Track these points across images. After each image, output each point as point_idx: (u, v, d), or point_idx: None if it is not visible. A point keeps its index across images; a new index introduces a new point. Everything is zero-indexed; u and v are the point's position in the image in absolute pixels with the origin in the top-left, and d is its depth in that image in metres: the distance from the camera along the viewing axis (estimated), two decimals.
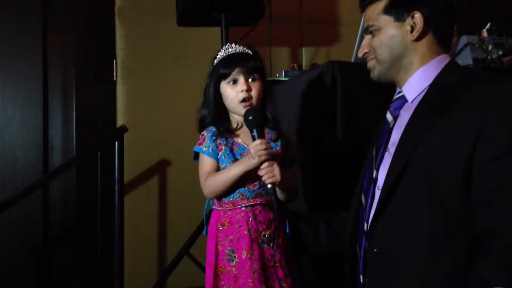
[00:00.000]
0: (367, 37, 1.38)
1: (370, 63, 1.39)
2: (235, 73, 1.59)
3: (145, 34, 2.95)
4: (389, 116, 1.36)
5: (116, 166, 2.48)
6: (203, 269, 2.71)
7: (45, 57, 2.91)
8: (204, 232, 1.67)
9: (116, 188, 2.43)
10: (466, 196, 1.17)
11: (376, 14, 1.35)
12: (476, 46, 1.82)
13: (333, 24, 3.25)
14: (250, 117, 1.54)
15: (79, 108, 2.92)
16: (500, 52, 1.82)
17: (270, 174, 1.50)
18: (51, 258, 2.87)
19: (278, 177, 1.51)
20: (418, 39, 1.30)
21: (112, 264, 2.53)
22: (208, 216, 1.67)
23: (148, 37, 2.95)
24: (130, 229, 2.87)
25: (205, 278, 1.65)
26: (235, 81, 1.60)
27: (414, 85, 1.32)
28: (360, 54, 1.40)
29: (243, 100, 1.58)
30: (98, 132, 2.90)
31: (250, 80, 1.60)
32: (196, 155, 1.67)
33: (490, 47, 1.83)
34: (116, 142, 2.52)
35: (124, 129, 2.64)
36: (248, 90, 1.58)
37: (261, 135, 1.54)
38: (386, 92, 1.43)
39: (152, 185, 2.97)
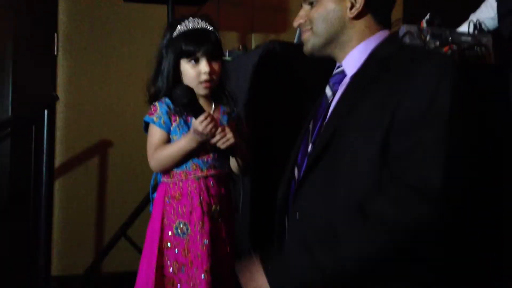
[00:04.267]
0: (306, 8, 1.35)
1: (305, 35, 1.36)
2: (198, 54, 1.56)
3: (89, 8, 2.83)
4: (328, 91, 1.36)
5: (45, 137, 2.33)
6: (141, 252, 2.67)
7: None
8: (150, 208, 1.63)
9: (45, 160, 2.27)
10: (384, 165, 1.16)
11: None
12: (415, 35, 1.85)
13: (283, 12, 3.25)
14: (185, 100, 1.51)
15: (16, 83, 2.77)
16: (437, 43, 1.86)
17: (224, 139, 1.51)
18: None
19: (232, 139, 1.52)
20: (357, 17, 1.30)
21: (39, 248, 2.40)
22: (154, 190, 1.65)
23: (93, 11, 2.83)
24: (65, 210, 2.79)
25: (142, 256, 1.63)
26: (196, 60, 1.57)
27: (354, 60, 1.31)
28: (295, 24, 1.37)
29: (204, 82, 1.57)
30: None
31: (212, 60, 1.58)
32: (147, 126, 1.63)
33: (428, 37, 1.87)
34: (46, 111, 2.35)
35: (54, 97, 2.49)
36: (211, 72, 1.57)
37: (199, 110, 1.52)
38: (328, 70, 1.42)
39: (92, 164, 2.87)
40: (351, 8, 1.30)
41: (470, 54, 1.87)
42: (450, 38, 1.91)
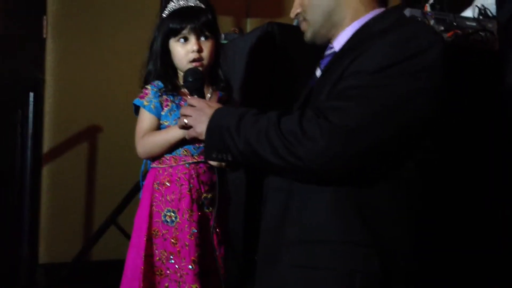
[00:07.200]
0: None
1: (303, 26, 1.31)
2: (185, 32, 1.49)
3: None
4: (318, 72, 1.30)
5: (31, 121, 2.26)
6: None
7: None
8: (140, 194, 1.57)
9: (30, 145, 2.20)
10: None
11: None
12: (419, 20, 1.78)
13: None
14: (190, 79, 1.42)
15: (2, 66, 2.69)
16: (442, 28, 1.80)
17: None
18: None
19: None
20: None
21: (23, 235, 2.33)
22: (144, 176, 1.58)
23: None
24: (54, 197, 2.72)
25: (130, 244, 1.56)
26: (185, 39, 1.50)
27: (344, 36, 1.25)
28: (292, 15, 1.32)
29: (193, 61, 1.50)
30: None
31: (202, 38, 1.51)
32: (137, 110, 1.56)
33: (432, 22, 1.80)
34: (32, 94, 2.29)
35: (40, 80, 2.42)
36: (199, 50, 1.49)
37: (199, 94, 1.42)
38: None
39: (81, 151, 2.80)
40: None
41: (475, 39, 1.80)
42: (454, 23, 1.84)
